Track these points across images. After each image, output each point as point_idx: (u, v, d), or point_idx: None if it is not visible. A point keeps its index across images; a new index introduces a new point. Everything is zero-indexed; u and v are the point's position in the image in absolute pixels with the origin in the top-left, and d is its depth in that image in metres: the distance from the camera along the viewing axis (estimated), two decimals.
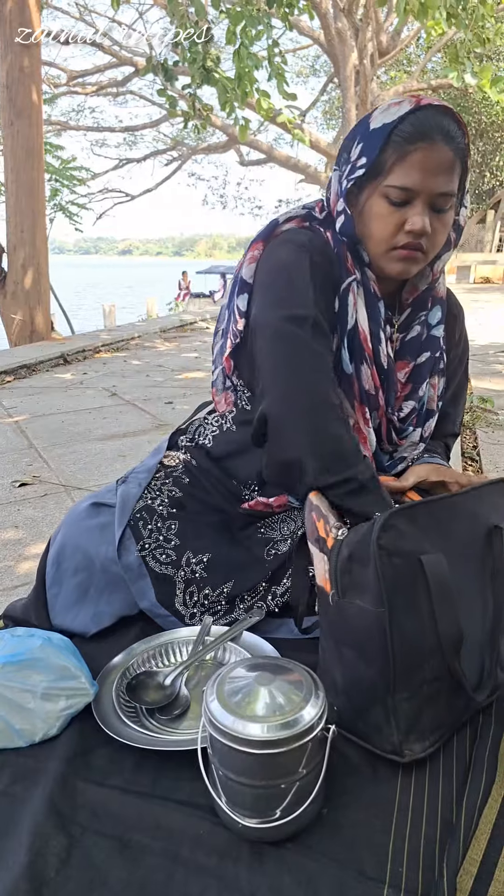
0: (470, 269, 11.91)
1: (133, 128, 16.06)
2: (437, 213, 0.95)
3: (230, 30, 4.32)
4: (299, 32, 12.00)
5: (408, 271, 1.00)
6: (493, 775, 0.81)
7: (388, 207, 0.95)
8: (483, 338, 5.13)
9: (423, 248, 0.97)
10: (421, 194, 0.93)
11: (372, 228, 0.98)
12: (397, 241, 0.96)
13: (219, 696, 0.71)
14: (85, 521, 1.12)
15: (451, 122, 0.93)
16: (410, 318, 1.09)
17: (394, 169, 0.93)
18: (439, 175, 0.92)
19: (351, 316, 1.02)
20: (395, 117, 0.93)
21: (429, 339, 1.10)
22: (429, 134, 0.91)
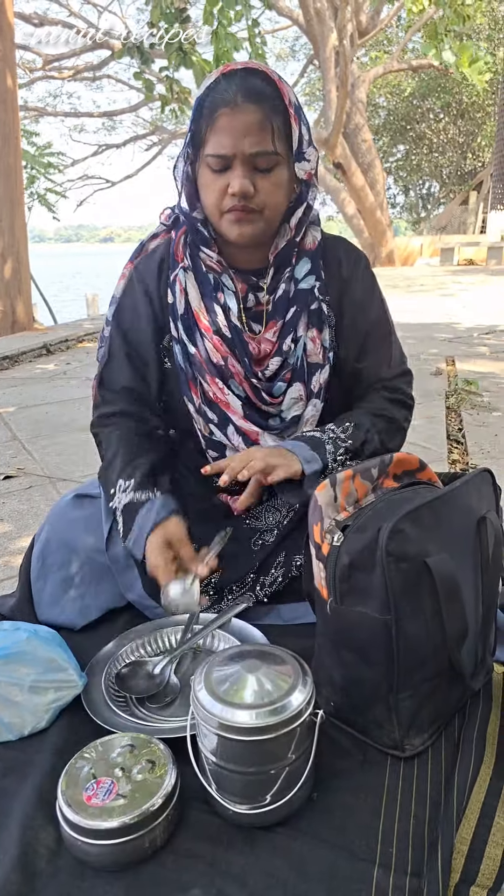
0: (453, 252, 11.91)
1: (111, 112, 15.80)
2: (261, 172, 0.96)
3: (207, 10, 4.23)
4: (278, 13, 11.82)
5: (244, 233, 1.00)
6: (481, 755, 0.82)
7: (212, 175, 0.97)
8: (468, 320, 5.14)
9: (254, 209, 0.98)
10: (235, 157, 0.95)
11: (204, 199, 1.01)
12: (225, 206, 0.98)
13: (206, 684, 0.71)
14: (69, 514, 1.11)
15: (258, 82, 0.95)
16: (276, 277, 1.08)
17: (208, 138, 0.96)
18: (248, 136, 0.93)
19: (180, 302, 1.07)
20: (204, 88, 0.97)
21: (297, 294, 1.08)
22: (231, 99, 0.93)
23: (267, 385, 1.09)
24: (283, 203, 1.02)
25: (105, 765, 0.72)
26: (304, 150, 1.01)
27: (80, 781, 0.70)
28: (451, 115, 18.57)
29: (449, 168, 20.26)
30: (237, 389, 1.08)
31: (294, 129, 0.98)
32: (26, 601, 1.09)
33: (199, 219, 1.05)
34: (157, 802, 0.68)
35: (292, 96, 0.99)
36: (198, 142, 0.98)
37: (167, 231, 1.13)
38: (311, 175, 1.03)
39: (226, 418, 1.09)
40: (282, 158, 0.97)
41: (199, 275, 1.07)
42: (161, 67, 4.88)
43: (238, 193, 0.95)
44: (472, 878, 0.67)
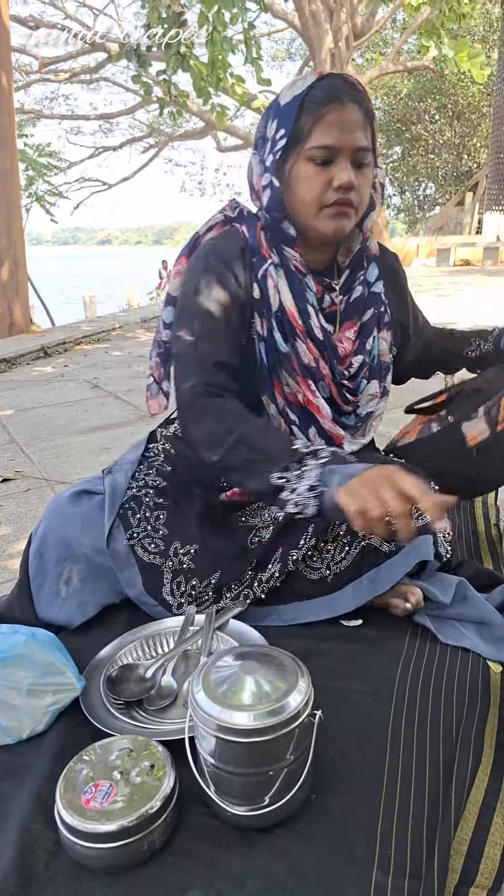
0: (450, 252, 11.92)
1: (108, 115, 15.80)
2: (358, 168, 0.99)
3: (203, 14, 4.23)
4: (273, 15, 11.84)
5: (342, 228, 1.02)
6: (479, 755, 0.82)
7: (314, 168, 0.98)
8: (464, 320, 5.14)
9: (353, 203, 1.00)
10: (342, 150, 0.97)
11: (301, 193, 1.01)
12: (327, 199, 0.99)
13: (205, 686, 0.71)
14: (66, 511, 1.11)
15: (353, 85, 0.99)
16: (351, 279, 1.12)
17: (313, 131, 0.97)
18: (356, 131, 0.97)
19: (273, 299, 1.06)
20: (303, 88, 0.99)
21: (371, 297, 1.14)
22: (338, 96, 0.96)
23: (350, 384, 1.13)
24: (367, 204, 1.05)
25: (103, 768, 0.72)
26: (377, 157, 1.05)
27: (79, 784, 0.70)
28: (446, 117, 18.62)
29: (445, 169, 20.30)
30: (324, 391, 1.10)
31: (376, 137, 1.03)
32: (25, 598, 1.09)
33: (283, 218, 1.04)
34: (156, 805, 0.68)
35: (371, 107, 1.02)
36: (298, 137, 0.98)
37: (224, 223, 1.12)
38: (382, 183, 1.08)
39: (308, 420, 1.11)
40: (372, 159, 1.02)
41: (289, 274, 1.06)
42: (158, 71, 4.88)
43: (345, 185, 0.97)
44: (472, 878, 0.67)
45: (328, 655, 1.01)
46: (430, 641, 1.05)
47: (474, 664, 0.99)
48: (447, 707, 0.90)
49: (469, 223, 16.04)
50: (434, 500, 0.82)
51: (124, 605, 1.11)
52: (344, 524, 1.07)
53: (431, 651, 1.03)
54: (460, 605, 1.10)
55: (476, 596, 1.10)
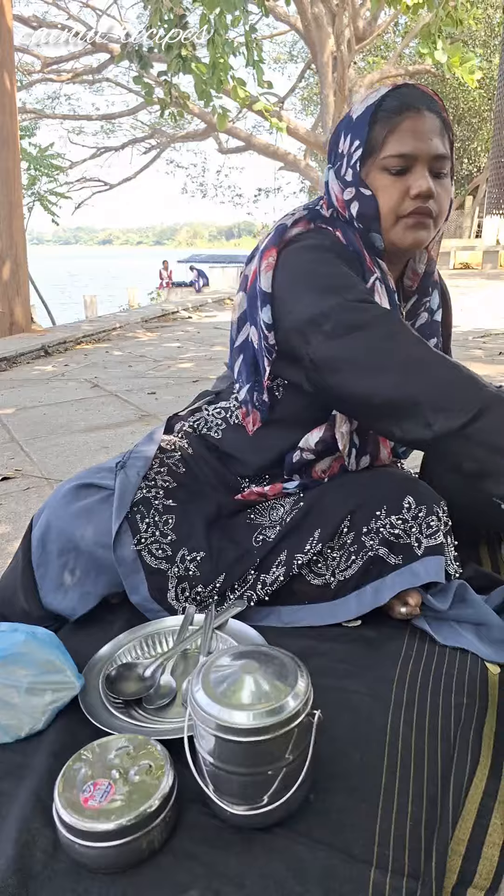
0: (450, 255, 11.94)
1: (110, 115, 15.83)
2: (436, 178, 0.96)
3: (204, 16, 4.24)
4: (276, 18, 11.88)
5: (420, 239, 0.99)
6: (477, 755, 0.82)
7: (390, 178, 0.96)
8: (464, 323, 5.15)
9: (432, 213, 0.97)
10: (419, 158, 0.94)
11: (381, 201, 0.98)
12: (404, 209, 0.97)
13: (204, 685, 0.71)
14: (69, 505, 1.10)
15: (431, 98, 0.97)
16: (416, 305, 1.09)
17: (388, 141, 0.95)
18: (433, 138, 0.94)
19: None
20: (376, 98, 0.97)
21: (432, 325, 1.11)
22: (413, 104, 0.94)
23: None
24: (447, 211, 1.00)
25: (102, 766, 0.72)
26: (452, 172, 1.02)
27: (77, 783, 0.70)
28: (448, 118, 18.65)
29: None
30: None
31: (453, 150, 1.00)
32: (30, 586, 1.08)
33: (374, 230, 1.00)
34: (155, 804, 0.68)
35: (447, 117, 1.00)
36: (373, 148, 0.97)
37: (308, 221, 1.06)
38: (452, 198, 1.03)
39: (366, 447, 1.11)
40: (451, 171, 0.98)
41: (387, 289, 1.03)
42: (160, 72, 4.89)
43: (424, 193, 0.94)
44: (470, 878, 0.67)
45: (327, 655, 1.01)
46: (429, 642, 1.05)
47: (473, 665, 0.99)
48: (445, 708, 0.90)
49: (469, 227, 16.08)
50: None
51: (124, 603, 1.11)
52: (351, 533, 1.06)
53: (430, 652, 1.03)
54: (459, 607, 1.10)
55: (475, 598, 1.10)
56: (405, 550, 1.07)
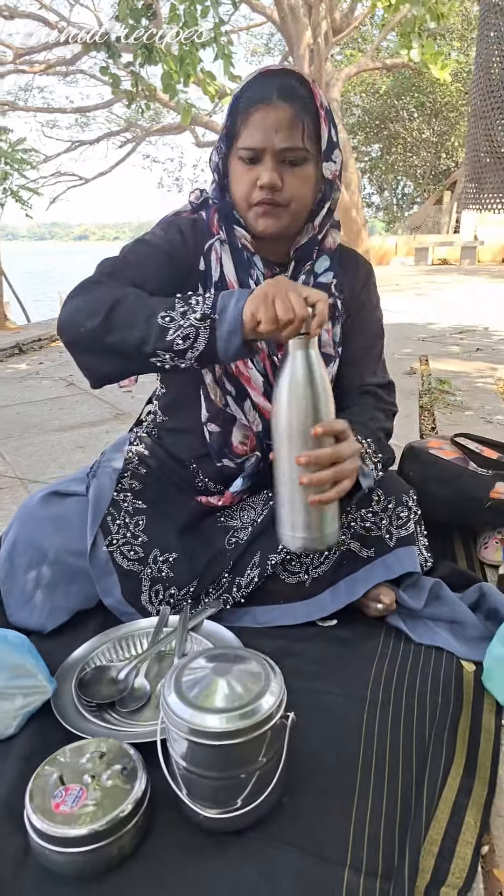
0: (428, 251, 12.01)
1: (84, 108, 15.57)
2: (290, 167, 0.99)
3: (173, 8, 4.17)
4: (251, 9, 11.78)
5: (269, 226, 1.03)
6: (451, 754, 0.82)
7: (243, 167, 1.01)
8: (441, 319, 5.19)
9: (280, 202, 1.01)
10: (266, 151, 0.98)
11: (234, 190, 1.04)
12: (253, 198, 1.01)
13: (176, 689, 0.70)
14: (37, 514, 1.09)
15: (293, 82, 0.99)
16: (296, 270, 1.11)
17: (241, 132, 1.00)
18: (280, 131, 0.97)
19: (215, 270, 1.08)
20: (241, 87, 1.02)
21: (316, 287, 1.11)
22: (266, 96, 0.97)
23: None
24: (308, 200, 1.04)
25: (74, 771, 0.71)
26: (332, 151, 1.04)
27: (49, 788, 0.69)
28: (424, 115, 18.74)
29: (423, 168, 20.44)
30: (258, 366, 1.10)
31: (323, 130, 1.02)
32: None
33: (231, 206, 1.07)
34: (127, 808, 0.68)
35: (324, 100, 1.02)
36: (232, 136, 1.02)
37: (192, 212, 1.14)
38: (335, 176, 1.06)
39: (244, 393, 1.10)
40: (310, 156, 1.01)
41: (234, 249, 1.09)
42: (127, 62, 4.80)
43: (266, 186, 0.98)
44: (443, 878, 0.67)
45: (302, 656, 1.01)
46: (405, 641, 1.06)
47: (448, 664, 1.00)
48: (420, 707, 0.91)
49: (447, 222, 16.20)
50: (325, 309, 0.85)
51: (98, 607, 1.09)
52: None
53: (406, 651, 1.03)
54: (434, 605, 1.10)
55: (450, 595, 1.11)
56: (377, 543, 1.08)
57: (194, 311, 0.91)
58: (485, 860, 0.72)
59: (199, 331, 0.90)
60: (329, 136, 1.02)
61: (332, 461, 0.87)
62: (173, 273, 1.07)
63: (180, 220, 1.12)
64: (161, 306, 0.93)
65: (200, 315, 0.90)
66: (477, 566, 1.34)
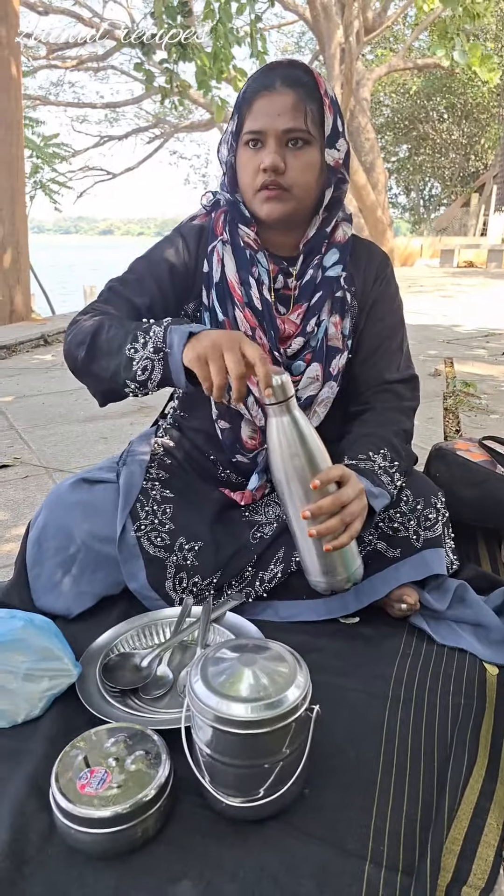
0: (453, 253, 11.89)
1: (114, 104, 15.68)
2: (292, 150, 1.00)
3: (208, 4, 4.17)
4: (284, 7, 11.76)
5: (273, 211, 1.03)
6: (474, 756, 0.82)
7: (248, 153, 1.02)
8: (467, 322, 5.14)
9: (283, 185, 1.01)
10: (268, 135, 0.99)
11: (241, 177, 1.06)
12: (257, 183, 1.02)
13: (203, 676, 0.70)
14: (66, 499, 1.11)
15: (298, 71, 1.01)
16: (305, 264, 1.11)
17: (246, 119, 1.02)
18: (283, 115, 0.99)
19: (216, 271, 1.10)
20: (246, 81, 1.04)
21: (323, 280, 1.11)
22: (269, 84, 0.99)
23: (288, 362, 1.12)
24: (312, 185, 1.04)
25: (99, 754, 0.72)
26: (336, 139, 1.04)
27: (74, 770, 0.70)
28: (455, 117, 18.55)
29: (451, 169, 20.23)
30: None
31: (328, 118, 1.02)
32: (23, 586, 1.09)
33: (241, 201, 1.09)
34: (151, 793, 0.68)
35: (329, 89, 1.03)
36: (239, 128, 1.03)
37: (206, 214, 1.16)
38: (339, 163, 1.06)
39: (247, 389, 1.10)
40: (313, 139, 1.01)
41: (236, 249, 1.10)
42: (161, 59, 4.81)
43: (269, 167, 0.99)
44: (465, 877, 0.67)
45: (324, 652, 1.01)
46: (427, 642, 1.05)
47: (471, 666, 0.99)
48: (442, 707, 0.90)
49: (474, 225, 16.01)
50: (269, 369, 0.85)
51: (122, 594, 1.11)
52: None
53: (428, 651, 1.03)
54: (458, 607, 1.10)
55: (474, 598, 1.10)
56: (403, 544, 1.07)
57: (148, 344, 0.93)
58: None
59: (154, 363, 0.93)
60: (334, 124, 1.03)
61: (337, 507, 0.89)
62: (174, 285, 1.10)
63: (185, 228, 1.14)
64: (129, 338, 0.95)
65: (153, 348, 0.93)
66: (501, 570, 1.33)
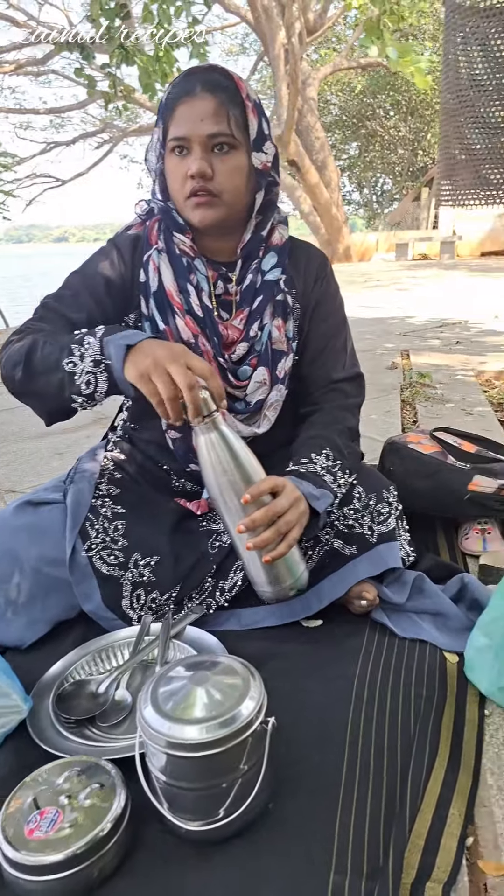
0: (408, 247, 12.06)
1: (59, 109, 15.43)
2: (218, 155, 1.00)
3: (146, 7, 4.13)
4: (225, 9, 11.76)
5: (205, 217, 1.03)
6: (435, 747, 0.82)
7: (175, 159, 1.02)
8: (422, 314, 5.21)
9: (212, 191, 1.01)
10: (193, 140, 0.99)
11: (170, 185, 1.05)
12: (187, 190, 1.01)
13: (153, 701, 0.68)
14: (11, 524, 1.07)
15: (217, 76, 1.00)
16: (244, 268, 1.11)
17: (170, 126, 1.01)
18: (205, 120, 0.98)
19: (153, 280, 1.08)
20: (168, 87, 1.03)
21: (263, 284, 1.11)
22: (189, 89, 0.99)
23: (233, 367, 1.11)
24: (242, 190, 1.04)
25: (50, 793, 0.69)
26: (263, 142, 1.04)
27: (22, 814, 0.67)
28: (401, 113, 18.83)
29: (401, 165, 20.54)
30: None
31: (252, 121, 1.02)
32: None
33: (173, 208, 1.07)
34: (107, 827, 0.66)
35: (251, 93, 1.03)
36: (164, 134, 1.02)
37: (141, 223, 1.14)
38: (267, 167, 1.05)
39: None
40: (239, 143, 1.00)
41: (172, 257, 1.09)
42: (103, 64, 4.75)
43: (196, 174, 0.98)
44: (429, 873, 0.67)
45: (288, 657, 1.00)
46: (389, 636, 1.05)
47: (431, 656, 1.00)
48: (405, 701, 0.90)
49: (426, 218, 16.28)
50: (219, 382, 0.86)
51: (77, 618, 1.08)
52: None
53: (390, 645, 1.03)
54: (417, 598, 1.10)
55: (432, 588, 1.11)
56: (359, 540, 1.08)
57: (86, 357, 0.91)
58: (469, 852, 0.71)
59: (97, 377, 0.91)
60: (259, 127, 1.02)
61: (271, 518, 0.90)
62: (112, 298, 1.08)
63: (119, 239, 1.12)
64: (64, 352, 0.93)
65: (93, 361, 0.91)
66: (459, 557, 1.34)
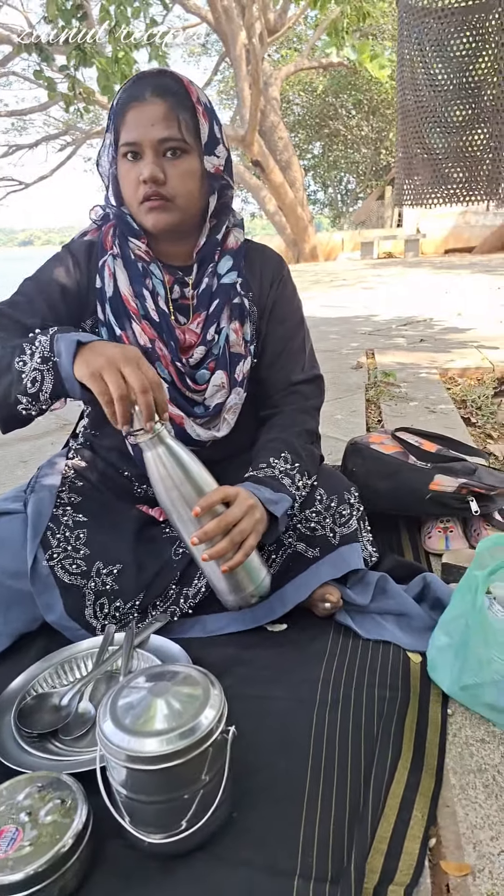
0: (373, 245, 12.18)
1: (20, 112, 15.16)
2: (170, 159, 1.00)
3: (104, 8, 4.10)
4: (185, 10, 11.72)
5: (159, 222, 1.03)
6: (399, 748, 0.83)
7: (127, 164, 1.02)
8: (387, 312, 5.27)
9: (165, 196, 1.01)
10: (144, 145, 0.99)
11: (124, 190, 1.05)
12: (140, 195, 1.01)
13: (111, 714, 0.68)
14: None
15: (167, 80, 1.00)
16: (200, 272, 1.12)
17: (121, 131, 1.01)
18: (155, 124, 0.98)
19: (108, 286, 1.08)
20: (118, 92, 1.03)
21: (220, 288, 1.12)
22: (138, 94, 0.99)
23: (191, 371, 1.10)
24: (195, 194, 1.04)
25: (9, 810, 0.68)
26: (214, 146, 1.04)
27: None
28: (363, 112, 19.00)
29: (364, 164, 20.73)
30: (163, 373, 1.08)
31: (203, 125, 1.01)
32: None
33: (127, 213, 1.07)
34: (68, 843, 0.65)
35: (202, 96, 1.03)
36: (115, 139, 1.02)
37: (96, 229, 1.13)
38: (220, 170, 1.05)
39: None
40: (190, 147, 1.00)
41: (127, 262, 1.09)
42: (62, 66, 4.70)
43: (148, 179, 0.98)
44: (391, 876, 0.67)
45: (252, 664, 1.00)
46: (353, 638, 1.06)
47: (395, 657, 1.01)
48: (369, 703, 0.91)
49: (390, 216, 16.45)
50: (166, 395, 0.86)
51: (40, 630, 1.06)
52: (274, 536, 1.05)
53: (354, 648, 1.03)
54: (381, 599, 1.11)
55: (395, 588, 1.12)
56: (322, 542, 1.08)
57: (35, 355, 0.90)
58: (432, 853, 0.72)
59: (43, 374, 0.90)
60: (210, 131, 1.03)
61: (224, 528, 0.90)
62: (68, 305, 1.07)
63: (74, 245, 1.12)
64: (16, 352, 0.92)
65: (41, 358, 0.90)
66: (423, 556, 1.36)
